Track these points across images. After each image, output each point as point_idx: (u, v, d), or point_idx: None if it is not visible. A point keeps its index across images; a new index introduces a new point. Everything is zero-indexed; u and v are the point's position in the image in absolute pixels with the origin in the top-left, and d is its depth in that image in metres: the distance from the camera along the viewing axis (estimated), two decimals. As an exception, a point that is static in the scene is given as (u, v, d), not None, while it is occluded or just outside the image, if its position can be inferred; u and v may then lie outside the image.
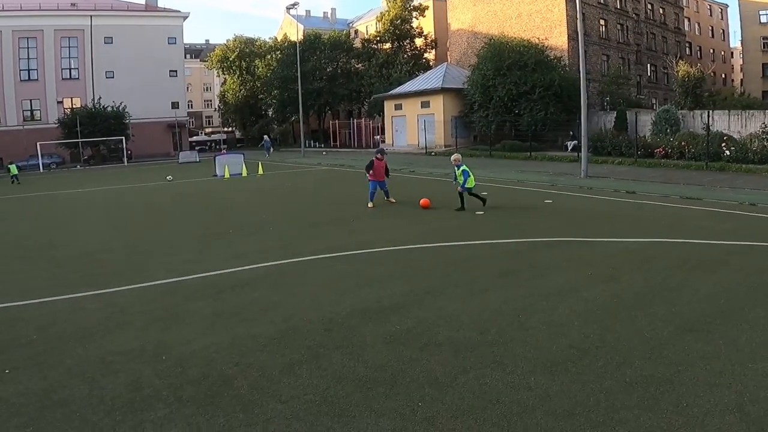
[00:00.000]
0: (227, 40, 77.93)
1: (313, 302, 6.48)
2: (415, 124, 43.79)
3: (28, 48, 55.30)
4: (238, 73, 76.43)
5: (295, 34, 58.56)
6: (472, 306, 6.15)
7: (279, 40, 74.69)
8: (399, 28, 59.37)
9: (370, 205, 13.88)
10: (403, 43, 60.71)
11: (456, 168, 13.03)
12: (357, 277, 7.50)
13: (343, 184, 21.15)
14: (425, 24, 61.93)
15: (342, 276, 7.63)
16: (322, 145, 59.78)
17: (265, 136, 52.43)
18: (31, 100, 55.46)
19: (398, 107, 47.07)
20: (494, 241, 9.44)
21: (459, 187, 12.96)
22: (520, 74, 34.87)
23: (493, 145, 34.08)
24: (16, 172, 35.31)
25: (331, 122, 64.72)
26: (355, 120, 59.34)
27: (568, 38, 40.42)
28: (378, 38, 61.75)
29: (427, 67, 57.72)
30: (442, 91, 41.51)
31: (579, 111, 22.56)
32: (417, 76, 51.61)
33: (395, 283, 7.16)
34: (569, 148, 31.37)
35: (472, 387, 4.28)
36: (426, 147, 39.08)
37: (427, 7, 61.19)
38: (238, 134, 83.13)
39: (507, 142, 33.87)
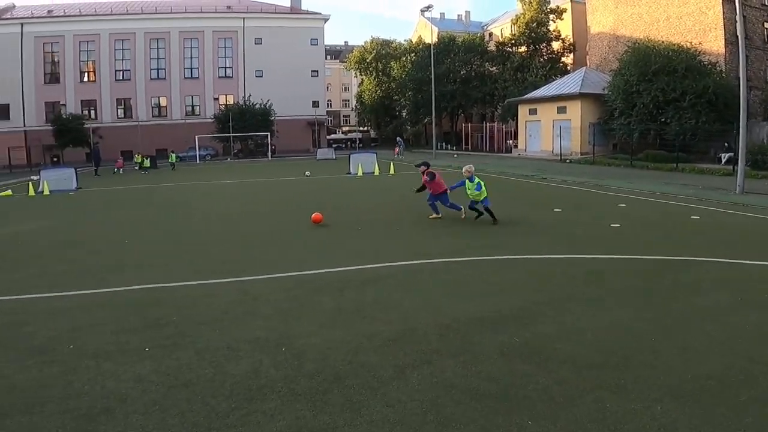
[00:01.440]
0: (364, 42, 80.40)
1: (432, 306, 6.45)
2: (549, 129, 42.41)
3: (191, 48, 60.92)
4: (374, 74, 78.46)
5: (430, 36, 59.04)
6: (598, 323, 5.76)
7: (413, 42, 75.67)
8: (535, 31, 57.79)
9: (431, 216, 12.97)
10: (539, 46, 59.00)
11: (468, 180, 12.06)
12: (479, 284, 7.38)
13: None
14: (563, 27, 59.58)
15: (464, 281, 7.54)
16: (454, 148, 59.77)
17: (398, 137, 53.58)
18: (192, 96, 61.14)
19: (533, 112, 45.84)
20: (629, 257, 8.81)
21: (480, 204, 12.14)
22: (668, 80, 32.51)
23: (634, 154, 32.02)
24: (174, 160, 39.49)
25: (463, 125, 64.51)
26: (487, 123, 58.67)
27: (725, 42, 36.94)
28: (513, 41, 60.56)
29: (564, 71, 55.62)
30: (581, 96, 39.82)
31: (736, 121, 20.61)
32: (553, 80, 49.91)
33: (517, 292, 6.96)
34: (723, 161, 28.68)
35: (589, 410, 3.99)
36: (561, 154, 37.71)
37: (564, 10, 58.86)
38: (372, 134, 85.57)
39: (650, 152, 31.65)
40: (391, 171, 26.77)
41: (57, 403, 4.21)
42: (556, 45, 59.29)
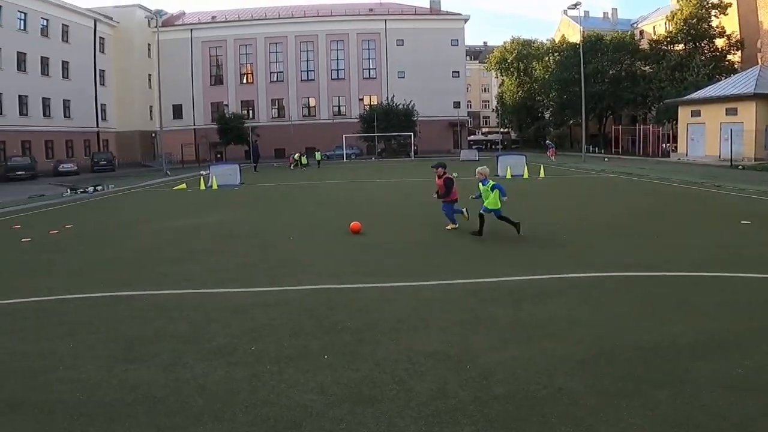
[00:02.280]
0: (504, 42, 78.73)
1: (625, 325, 5.76)
2: (716, 132, 38.41)
3: (337, 50, 63.42)
4: (515, 74, 76.75)
5: (574, 35, 56.23)
6: None
7: (556, 41, 72.69)
8: (694, 28, 52.77)
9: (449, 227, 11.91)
10: (699, 44, 53.77)
11: (481, 184, 10.96)
12: (675, 303, 6.51)
13: (640, 194, 19.41)
14: (727, 23, 53.56)
15: (655, 299, 6.72)
16: (602, 151, 56.48)
17: (548, 140, 51.81)
18: (338, 97, 63.61)
19: (696, 113, 41.86)
20: None
21: (481, 209, 10.97)
22: None
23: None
24: (319, 158, 41.83)
25: (612, 127, 60.73)
26: (641, 126, 54.65)
27: None
28: (669, 39, 55.76)
29: (731, 70, 50.21)
30: (755, 96, 35.64)
31: None
32: (719, 80, 45.26)
33: (726, 315, 5.98)
34: None
35: None
36: (731, 159, 33.94)
37: (729, 5, 52.82)
38: (513, 135, 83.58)
39: None
40: (541, 174, 25.66)
41: (245, 411, 4.15)
42: (720, 42, 53.67)
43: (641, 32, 67.93)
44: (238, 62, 63.62)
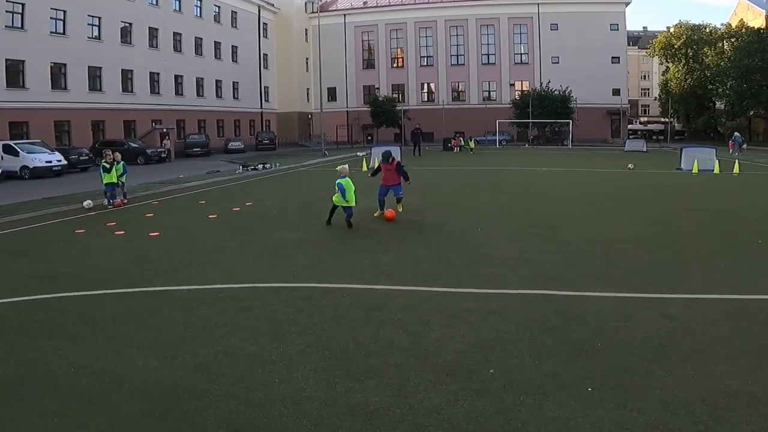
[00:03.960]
0: (667, 27, 71.96)
1: None
2: None
3: (487, 35, 61.79)
4: (683, 61, 69.97)
5: (754, 19, 49.50)
6: None
7: (733, 26, 64.73)
8: None
9: (376, 213, 12.12)
10: None
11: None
12: None
13: None
14: None
15: None
16: (790, 146, 49.47)
17: (736, 133, 46.35)
18: (488, 82, 62.10)
19: None
20: None
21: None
22: None
23: None
24: (472, 145, 41.29)
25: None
26: None
27: None
28: None
29: None
30: None
31: None
32: None
33: None
34: None
35: None
36: None
37: None
38: (677, 125, 76.51)
39: None
40: (736, 170, 22.33)
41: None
42: None
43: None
44: (389, 46, 64.30)
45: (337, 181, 10.83)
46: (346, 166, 11.34)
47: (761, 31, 47.34)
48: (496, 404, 4.08)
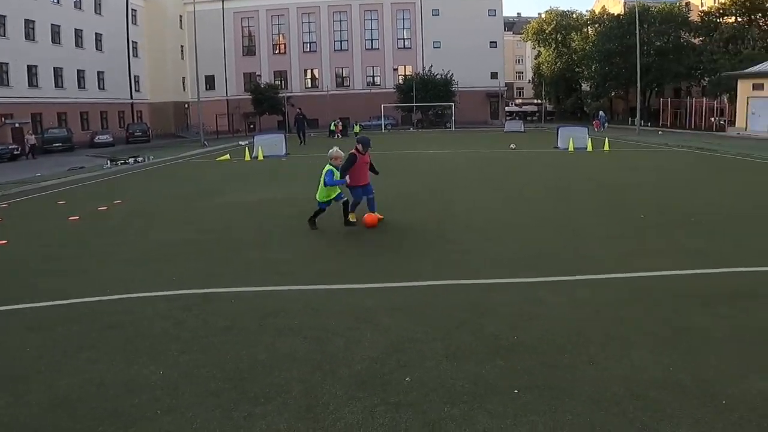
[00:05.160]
0: (539, 14, 76.54)
1: None
2: (782, 106, 36.07)
3: (371, 20, 62.02)
4: (553, 45, 74.70)
5: (615, 6, 53.63)
6: None
7: (596, 12, 69.93)
8: (750, 0, 50.00)
9: (352, 218, 9.56)
10: (754, 16, 51.09)
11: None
12: None
13: (740, 171, 17.21)
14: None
15: None
16: (648, 124, 54.13)
17: (601, 112, 49.80)
18: (372, 67, 62.34)
19: (758, 87, 39.50)
20: None
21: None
22: None
23: None
24: (358, 130, 41.08)
25: (661, 100, 58.19)
26: (693, 99, 52.07)
27: None
28: (721, 11, 53.05)
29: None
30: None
31: None
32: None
33: None
34: None
35: None
36: (802, 134, 31.68)
37: None
38: (549, 107, 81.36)
39: None
40: (605, 147, 23.77)
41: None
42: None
43: (687, 4, 64.88)
44: (271, 33, 62.48)
45: (326, 168, 9.01)
46: (337, 148, 9.55)
47: (620, 17, 51.21)
48: (419, 419, 3.50)
